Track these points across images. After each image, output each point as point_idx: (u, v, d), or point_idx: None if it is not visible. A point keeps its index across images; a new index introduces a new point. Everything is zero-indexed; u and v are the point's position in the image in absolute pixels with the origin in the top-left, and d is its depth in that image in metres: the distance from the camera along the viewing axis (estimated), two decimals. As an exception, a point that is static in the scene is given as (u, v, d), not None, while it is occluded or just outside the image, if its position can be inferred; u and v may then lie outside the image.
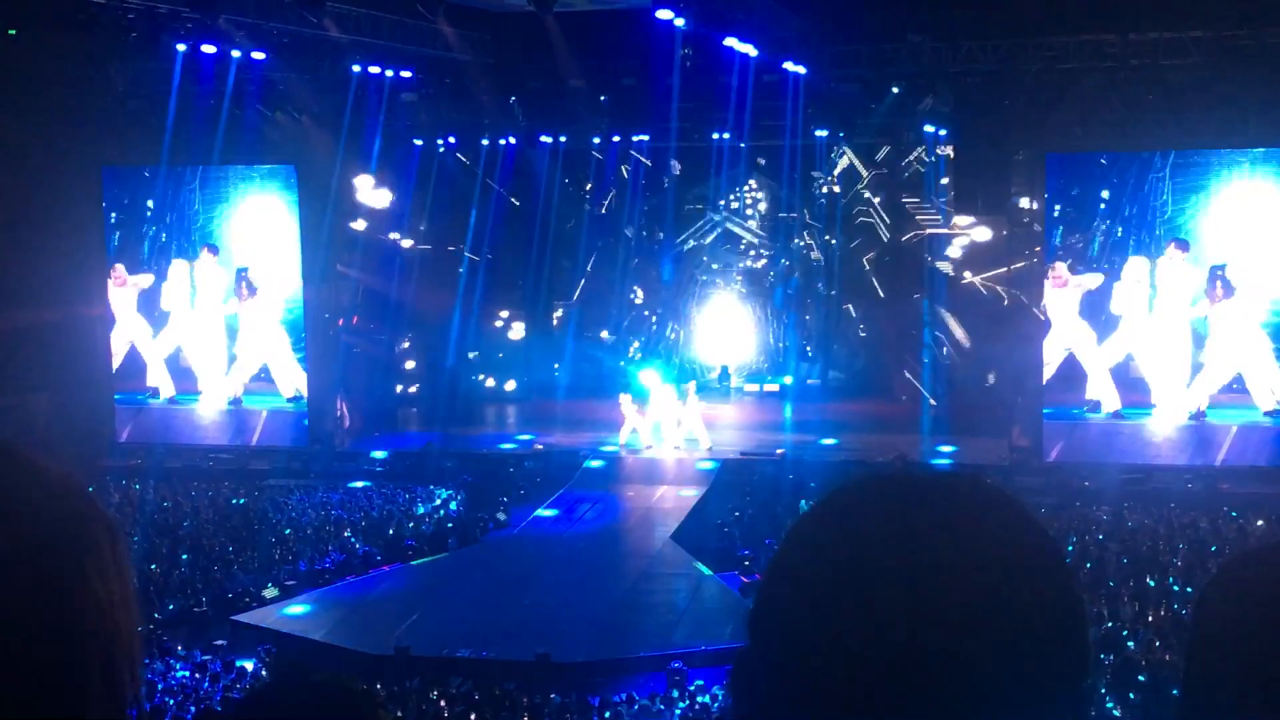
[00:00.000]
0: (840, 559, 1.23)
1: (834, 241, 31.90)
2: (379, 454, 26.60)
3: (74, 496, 1.43)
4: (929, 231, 29.69)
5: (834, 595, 1.21)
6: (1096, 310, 24.34)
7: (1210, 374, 24.01)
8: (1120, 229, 23.96)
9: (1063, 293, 24.49)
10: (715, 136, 29.08)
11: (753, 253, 33.23)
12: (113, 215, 27.45)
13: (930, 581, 1.19)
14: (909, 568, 1.20)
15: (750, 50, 24.27)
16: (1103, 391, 24.56)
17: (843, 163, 31.55)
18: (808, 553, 1.27)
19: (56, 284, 25.50)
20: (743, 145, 30.23)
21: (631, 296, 33.78)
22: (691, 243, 33.32)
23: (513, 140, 30.36)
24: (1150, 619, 16.31)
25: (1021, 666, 1.19)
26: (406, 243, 29.78)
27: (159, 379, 27.85)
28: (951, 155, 28.41)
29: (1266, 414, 23.85)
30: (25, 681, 1.33)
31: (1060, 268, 24.44)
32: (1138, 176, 23.76)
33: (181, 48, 23.35)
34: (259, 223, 26.95)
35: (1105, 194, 24.03)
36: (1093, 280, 24.32)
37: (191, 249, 27.35)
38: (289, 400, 27.36)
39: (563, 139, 30.44)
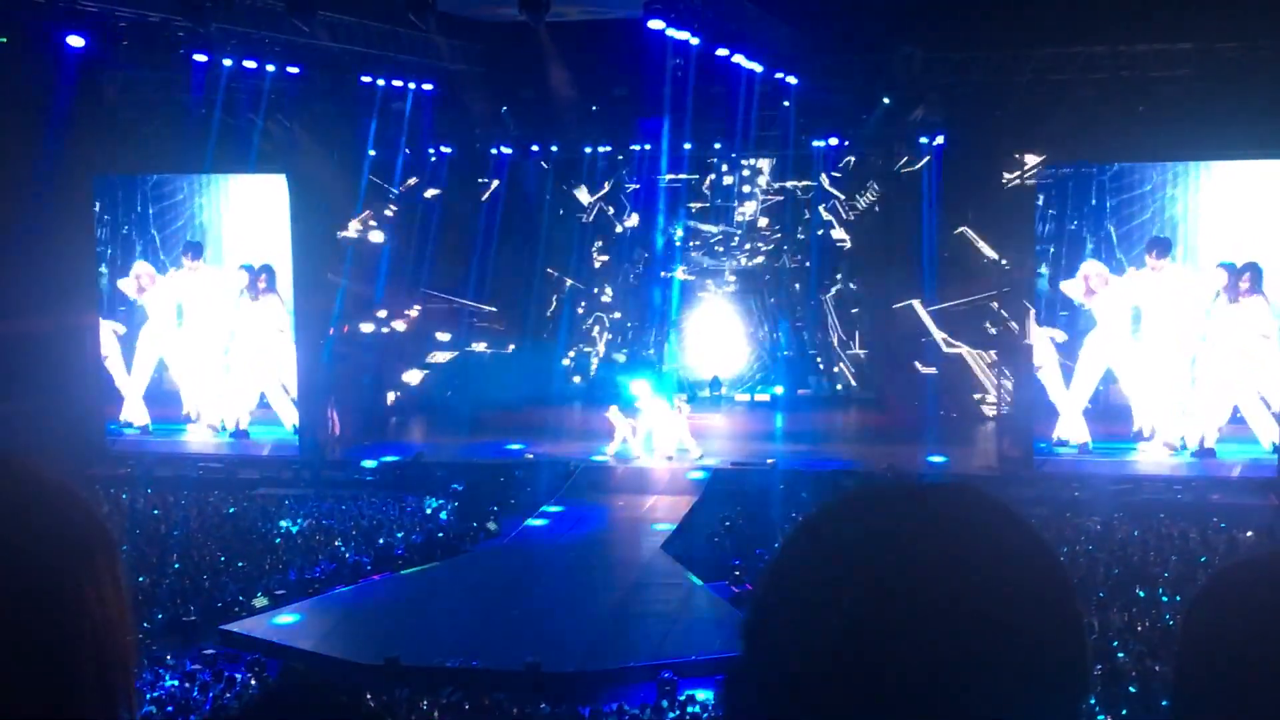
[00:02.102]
0: (835, 569, 1.23)
1: (825, 252, 31.85)
2: (369, 463, 26.55)
3: (72, 506, 1.44)
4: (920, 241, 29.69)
5: (829, 606, 1.21)
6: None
7: (1208, 396, 23.47)
8: (1109, 240, 23.92)
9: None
10: (706, 147, 29.14)
11: (743, 261, 33.12)
12: (103, 224, 27.34)
13: (926, 592, 1.19)
14: (905, 578, 1.20)
15: (742, 60, 24.31)
16: (1073, 426, 24.12)
17: (830, 173, 31.50)
18: (803, 563, 1.27)
19: (47, 292, 25.42)
20: (734, 155, 30.31)
21: (622, 305, 33.73)
22: (681, 265, 33.25)
23: (505, 150, 30.46)
24: (1139, 629, 16.33)
25: (1019, 677, 1.19)
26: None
27: (135, 409, 27.28)
28: (942, 165, 28.44)
29: (1276, 449, 23.09)
30: (17, 686, 1.33)
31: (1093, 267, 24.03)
32: (1126, 186, 23.77)
33: (173, 56, 23.29)
34: (252, 231, 26.81)
35: (1092, 203, 24.04)
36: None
37: (176, 257, 27.15)
38: (293, 430, 26.74)
39: (554, 148, 30.47)
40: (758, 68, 24.97)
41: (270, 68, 24.40)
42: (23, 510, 1.41)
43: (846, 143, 29.41)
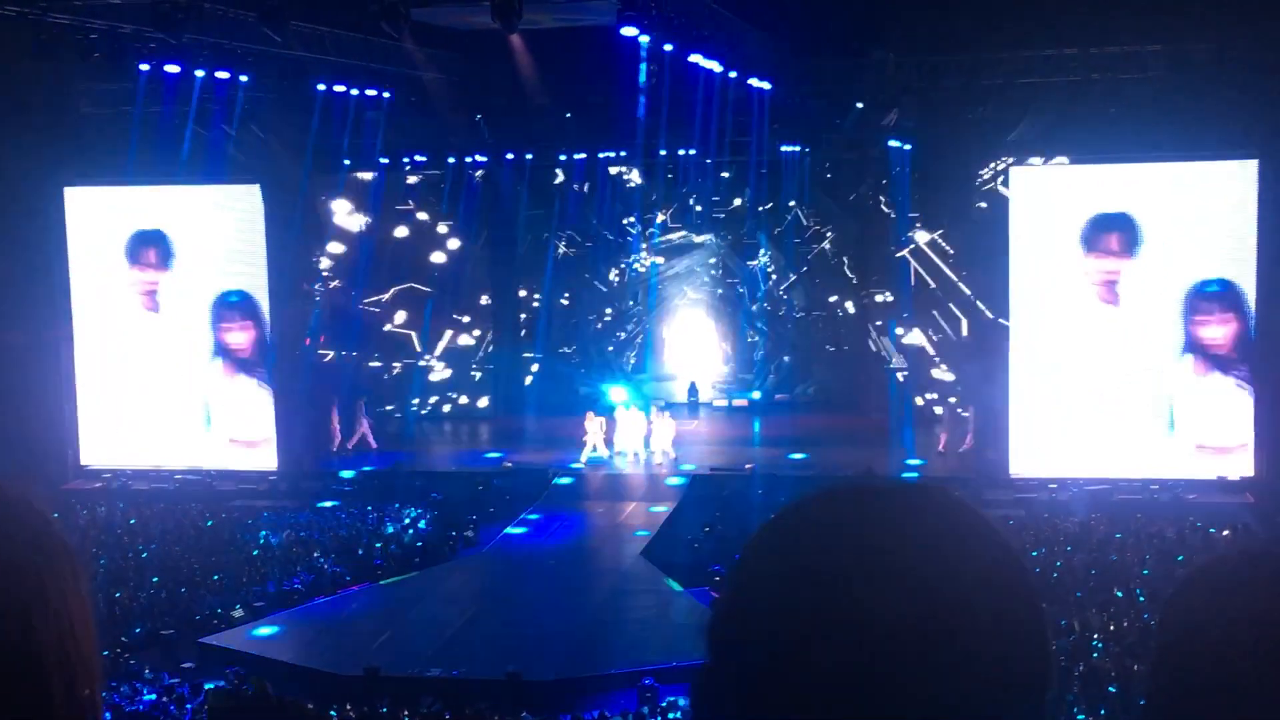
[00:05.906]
0: (800, 570, 1.23)
1: (803, 256, 31.91)
2: (347, 473, 26.44)
3: (35, 517, 1.43)
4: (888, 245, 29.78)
5: (793, 606, 1.21)
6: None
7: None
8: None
9: None
10: (681, 153, 29.14)
11: (720, 268, 33.14)
12: (74, 236, 27.04)
13: (888, 591, 1.19)
14: (869, 578, 1.20)
15: (715, 66, 24.32)
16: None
17: (808, 178, 31.54)
18: (767, 564, 1.27)
19: (18, 305, 25.27)
20: (709, 161, 30.30)
21: (599, 312, 33.68)
22: (653, 258, 33.23)
23: (480, 158, 30.42)
24: (1114, 629, 16.40)
25: (983, 677, 1.20)
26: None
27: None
28: (916, 169, 28.54)
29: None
30: None
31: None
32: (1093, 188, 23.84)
33: (145, 67, 23.17)
34: (227, 243, 26.50)
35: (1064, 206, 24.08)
36: None
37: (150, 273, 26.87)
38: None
39: (529, 156, 30.46)
40: (732, 74, 24.98)
41: (244, 78, 24.31)
42: None
43: (820, 148, 29.46)
